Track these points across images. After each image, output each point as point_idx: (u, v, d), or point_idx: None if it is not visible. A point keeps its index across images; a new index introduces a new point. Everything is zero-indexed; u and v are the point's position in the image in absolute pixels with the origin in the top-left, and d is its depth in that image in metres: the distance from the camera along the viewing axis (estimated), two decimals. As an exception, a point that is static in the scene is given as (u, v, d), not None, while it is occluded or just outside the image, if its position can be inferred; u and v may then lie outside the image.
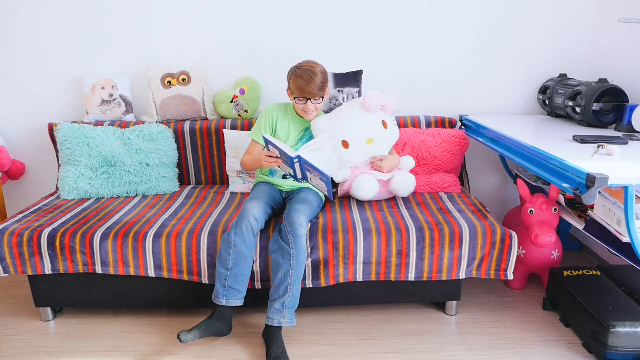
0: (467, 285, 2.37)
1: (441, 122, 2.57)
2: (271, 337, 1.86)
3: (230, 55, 2.63)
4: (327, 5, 2.57)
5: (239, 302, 1.88)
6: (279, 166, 2.02)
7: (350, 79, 2.51)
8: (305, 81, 2.01)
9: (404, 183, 2.15)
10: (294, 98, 2.09)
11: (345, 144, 2.12)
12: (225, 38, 2.61)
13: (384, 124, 2.17)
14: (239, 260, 1.85)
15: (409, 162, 2.26)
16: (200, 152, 2.55)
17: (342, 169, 2.16)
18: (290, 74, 2.08)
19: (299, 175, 1.98)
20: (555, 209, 2.11)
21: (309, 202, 2.04)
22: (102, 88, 2.52)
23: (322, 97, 2.10)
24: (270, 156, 1.98)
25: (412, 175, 2.19)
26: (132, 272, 1.97)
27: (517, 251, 2.08)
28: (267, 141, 1.97)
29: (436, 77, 2.69)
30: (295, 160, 1.88)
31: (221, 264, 1.86)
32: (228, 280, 1.85)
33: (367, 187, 2.10)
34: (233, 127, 2.53)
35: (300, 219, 1.90)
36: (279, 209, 2.13)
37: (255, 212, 1.90)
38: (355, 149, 2.13)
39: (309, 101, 2.06)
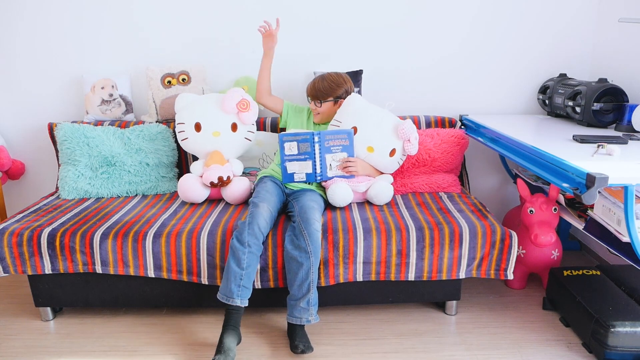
0: (467, 285, 2.37)
1: (441, 122, 2.57)
2: (294, 332, 1.88)
3: (230, 55, 2.63)
4: (328, 6, 2.57)
5: (247, 301, 1.87)
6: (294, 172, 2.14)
7: (350, 79, 2.51)
8: (313, 83, 2.27)
9: (382, 191, 2.15)
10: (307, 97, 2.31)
11: (355, 130, 2.17)
12: (225, 38, 2.61)
13: (392, 153, 2.19)
14: (252, 260, 1.85)
15: (387, 178, 2.25)
16: (200, 152, 2.54)
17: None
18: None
19: (318, 169, 2.08)
20: (555, 209, 2.12)
21: (318, 201, 2.07)
22: (102, 88, 2.52)
23: (323, 103, 2.26)
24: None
25: (391, 186, 2.20)
26: (132, 272, 1.97)
27: (517, 251, 2.08)
28: (283, 141, 2.09)
29: (436, 77, 2.69)
30: (317, 136, 2.04)
31: (236, 264, 1.83)
32: (243, 279, 1.84)
33: (340, 195, 2.10)
34: (233, 127, 2.53)
35: (315, 215, 1.93)
36: (280, 209, 2.13)
37: (266, 216, 1.92)
38: (357, 141, 2.17)
39: (312, 102, 2.27)
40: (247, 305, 1.87)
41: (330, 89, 2.23)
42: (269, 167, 2.32)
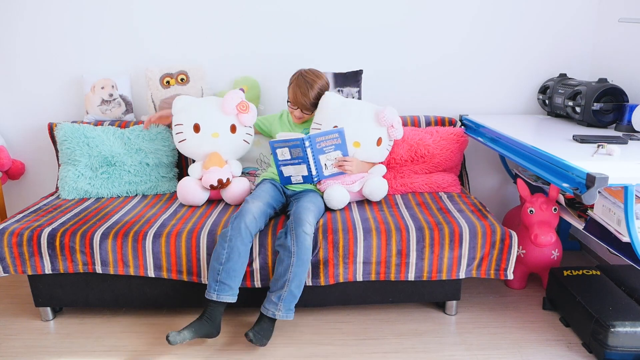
0: (467, 285, 2.37)
1: (441, 122, 2.57)
2: (260, 320, 1.88)
3: (229, 55, 2.63)
4: (328, 5, 2.57)
5: (230, 298, 1.86)
6: (290, 175, 2.11)
7: (350, 79, 2.51)
8: (301, 93, 2.17)
9: (376, 188, 2.16)
10: (287, 101, 2.24)
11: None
12: (225, 38, 2.61)
13: (379, 142, 2.19)
14: (233, 255, 1.84)
15: (380, 169, 2.25)
16: (200, 152, 2.54)
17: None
18: (293, 79, 2.23)
19: (314, 171, 2.07)
20: (555, 209, 2.12)
21: (317, 203, 2.06)
22: (102, 88, 2.52)
23: (313, 111, 2.24)
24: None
25: (384, 180, 2.20)
26: (132, 272, 1.97)
27: (517, 251, 2.08)
28: (274, 147, 2.03)
29: (436, 77, 2.69)
30: (307, 141, 1.99)
31: (215, 259, 1.86)
32: (221, 275, 1.84)
33: (337, 198, 2.10)
34: (233, 127, 2.52)
35: (309, 216, 1.92)
36: (280, 209, 2.13)
37: (256, 212, 1.91)
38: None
39: (299, 110, 2.22)
40: (229, 301, 1.86)
41: (320, 96, 2.21)
42: (268, 170, 2.32)
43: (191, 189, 2.18)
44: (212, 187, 2.18)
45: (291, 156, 2.05)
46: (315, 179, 2.11)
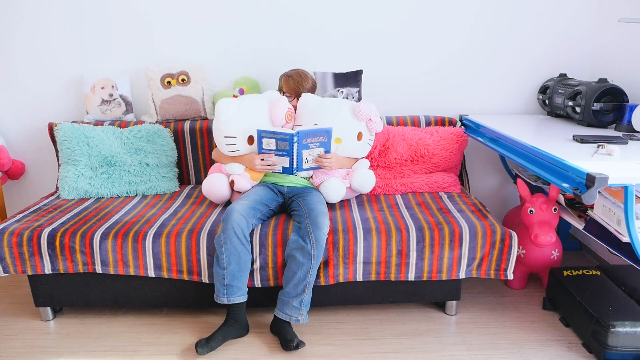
0: (467, 285, 2.37)
1: (441, 122, 2.57)
2: (283, 329, 1.90)
3: (229, 55, 2.63)
4: (328, 6, 2.57)
5: (241, 298, 1.90)
6: (272, 171, 2.10)
7: (350, 79, 2.51)
8: (295, 81, 2.24)
9: (364, 180, 2.17)
10: (283, 93, 2.27)
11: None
12: (225, 38, 2.61)
13: (359, 136, 2.19)
14: (233, 257, 1.86)
15: (364, 163, 2.26)
16: (200, 152, 2.55)
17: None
18: (282, 76, 2.29)
19: (295, 164, 2.06)
20: (555, 209, 2.12)
21: (325, 203, 2.08)
22: (102, 88, 2.52)
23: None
24: (263, 159, 2.09)
25: (370, 171, 2.21)
26: (132, 272, 1.97)
27: (517, 251, 2.08)
28: (261, 136, 2.02)
29: (436, 77, 2.69)
30: (296, 137, 1.99)
31: (217, 265, 1.88)
32: (226, 278, 1.87)
33: (335, 191, 2.11)
34: (233, 127, 2.52)
35: (325, 219, 1.94)
36: (278, 207, 2.13)
37: (242, 210, 1.92)
38: None
39: (296, 99, 2.25)
40: (241, 301, 1.90)
41: (314, 85, 2.30)
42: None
43: (223, 187, 2.15)
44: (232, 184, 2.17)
45: (276, 147, 2.05)
46: (295, 171, 2.11)
